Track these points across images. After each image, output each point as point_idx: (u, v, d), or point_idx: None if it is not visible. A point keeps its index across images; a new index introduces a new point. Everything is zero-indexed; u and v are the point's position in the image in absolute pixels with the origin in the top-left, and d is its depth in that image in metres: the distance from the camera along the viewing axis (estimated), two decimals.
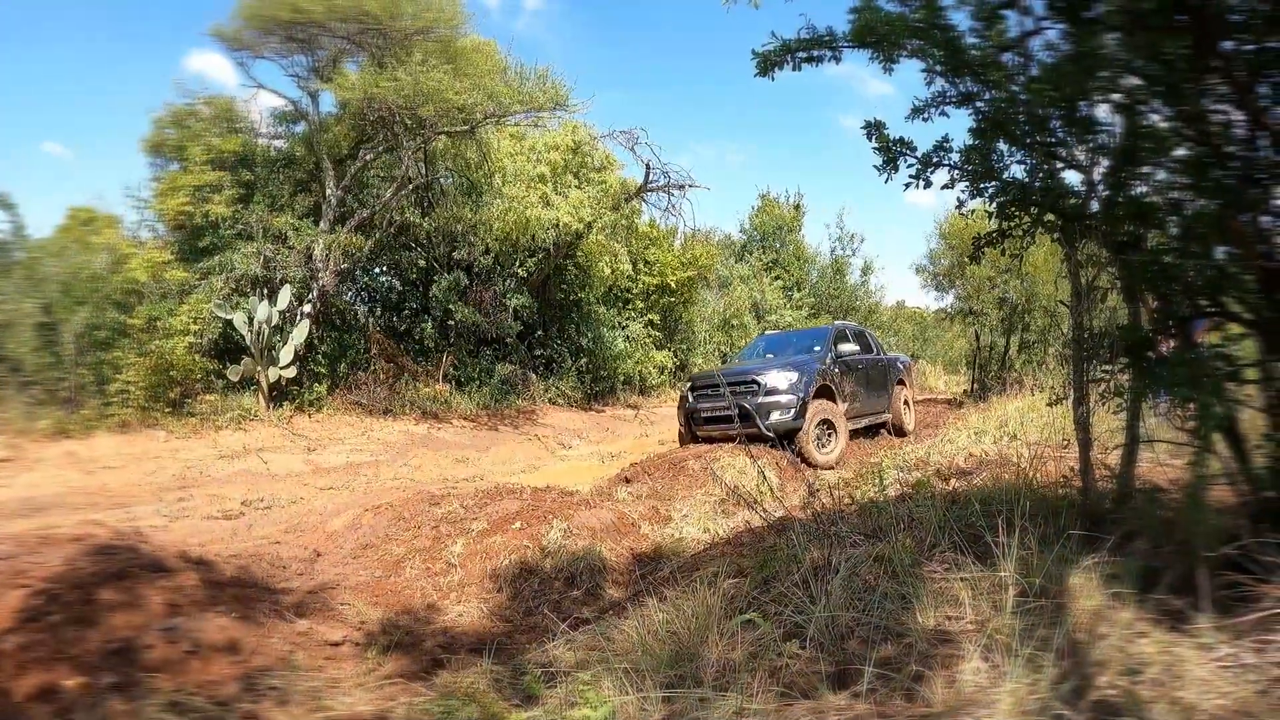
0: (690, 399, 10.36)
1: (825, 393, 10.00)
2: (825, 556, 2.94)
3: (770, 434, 8.93)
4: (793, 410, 9.29)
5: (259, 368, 12.10)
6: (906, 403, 13.00)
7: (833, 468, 8.95)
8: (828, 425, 9.59)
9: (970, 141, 3.57)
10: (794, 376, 9.60)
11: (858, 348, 11.48)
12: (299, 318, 12.50)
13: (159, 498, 7.68)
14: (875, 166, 3.67)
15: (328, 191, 13.40)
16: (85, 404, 10.44)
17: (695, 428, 10.10)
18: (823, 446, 9.46)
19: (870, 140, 3.68)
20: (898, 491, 5.12)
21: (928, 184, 3.66)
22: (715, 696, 2.09)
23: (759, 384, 9.60)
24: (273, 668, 3.41)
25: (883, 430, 12.13)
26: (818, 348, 11.09)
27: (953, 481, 5.54)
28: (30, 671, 3.04)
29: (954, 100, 3.56)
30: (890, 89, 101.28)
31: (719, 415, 9.60)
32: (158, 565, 4.14)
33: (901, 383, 12.96)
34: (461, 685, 2.98)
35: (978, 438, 8.33)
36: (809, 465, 8.89)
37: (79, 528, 4.86)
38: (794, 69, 3.63)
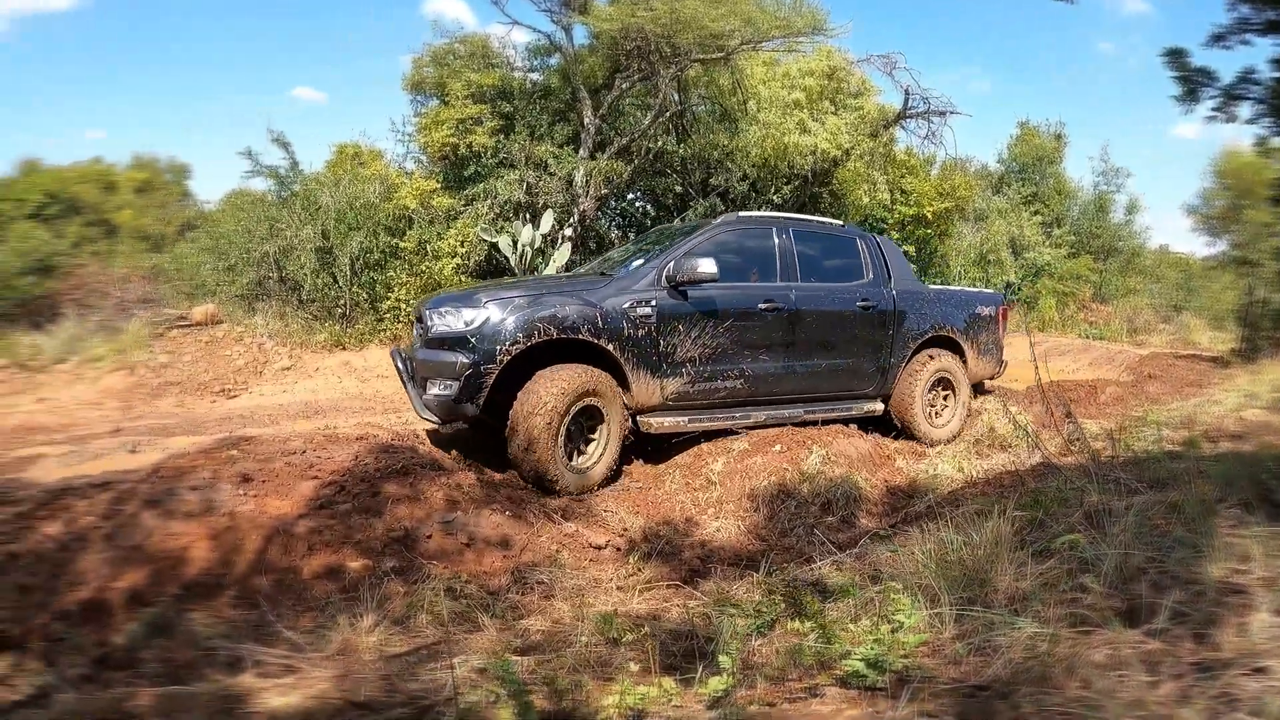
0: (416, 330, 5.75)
1: (588, 356, 5.21)
2: (1104, 501, 2.93)
3: (429, 417, 5.16)
4: (456, 385, 4.89)
5: None
6: (946, 383, 6.91)
7: (586, 491, 5.08)
8: (589, 417, 5.21)
9: (1276, 74, 3.30)
10: (482, 316, 4.98)
11: (789, 270, 6.08)
12: (560, 241, 13.10)
13: None
14: (1174, 97, 3.50)
15: (585, 120, 13.95)
16: (359, 320, 11.54)
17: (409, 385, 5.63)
18: (576, 455, 5.18)
19: (1170, 69, 3.48)
20: (1162, 450, 4.86)
21: (1231, 119, 3.43)
22: (1008, 620, 2.20)
23: (426, 323, 5.23)
24: (540, 564, 3.66)
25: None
26: (639, 261, 5.87)
27: (1222, 443, 5.21)
28: (318, 553, 3.39)
29: (1258, 27, 3.28)
30: (1146, 7, 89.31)
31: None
32: (436, 464, 4.43)
33: (946, 345, 6.94)
34: (735, 593, 3.03)
35: (1249, 400, 7.63)
36: (546, 490, 4.95)
37: (359, 429, 5.18)
38: None
